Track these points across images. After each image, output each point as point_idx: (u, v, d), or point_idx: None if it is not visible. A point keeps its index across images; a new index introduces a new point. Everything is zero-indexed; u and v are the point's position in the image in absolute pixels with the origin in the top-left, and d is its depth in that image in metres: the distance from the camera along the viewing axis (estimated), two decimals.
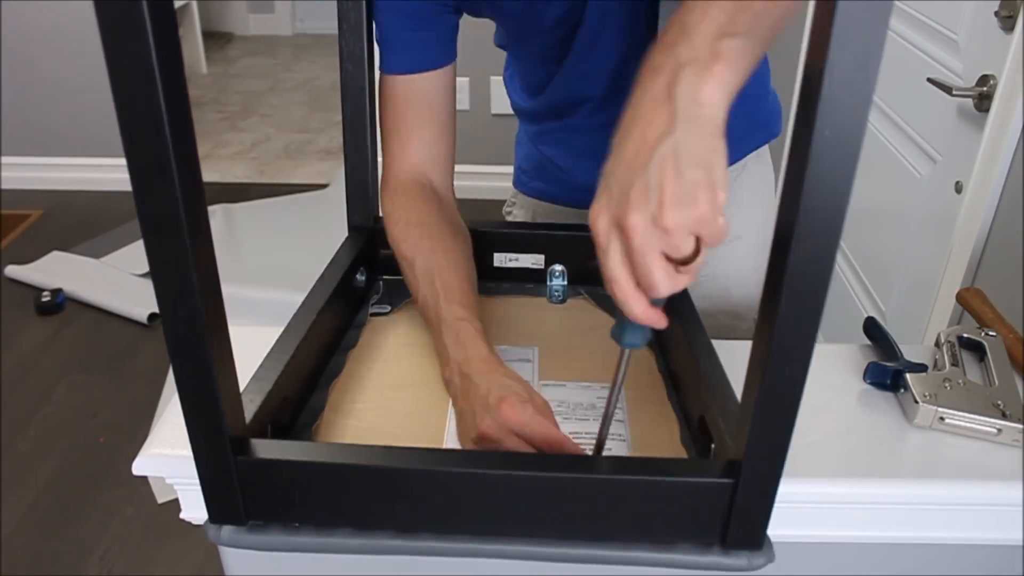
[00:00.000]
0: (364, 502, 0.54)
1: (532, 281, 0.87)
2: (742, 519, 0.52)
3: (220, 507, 0.55)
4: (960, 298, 0.86)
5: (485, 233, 0.87)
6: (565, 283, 0.86)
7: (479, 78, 2.76)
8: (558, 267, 0.86)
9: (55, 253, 2.63)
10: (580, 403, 0.70)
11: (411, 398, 0.71)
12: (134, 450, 0.63)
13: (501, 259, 0.87)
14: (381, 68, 0.80)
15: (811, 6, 0.40)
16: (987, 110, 1.30)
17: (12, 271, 2.54)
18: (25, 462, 1.87)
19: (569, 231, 0.86)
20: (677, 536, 0.54)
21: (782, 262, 0.42)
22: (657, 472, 0.53)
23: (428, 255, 0.73)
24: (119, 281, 2.49)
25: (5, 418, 1.99)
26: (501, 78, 0.97)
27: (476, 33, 1.16)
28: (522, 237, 0.86)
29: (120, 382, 2.11)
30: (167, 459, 0.63)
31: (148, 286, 2.46)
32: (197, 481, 0.65)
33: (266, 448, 0.55)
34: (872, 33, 0.36)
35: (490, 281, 0.87)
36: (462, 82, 2.77)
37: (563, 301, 0.86)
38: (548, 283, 0.87)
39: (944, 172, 1.49)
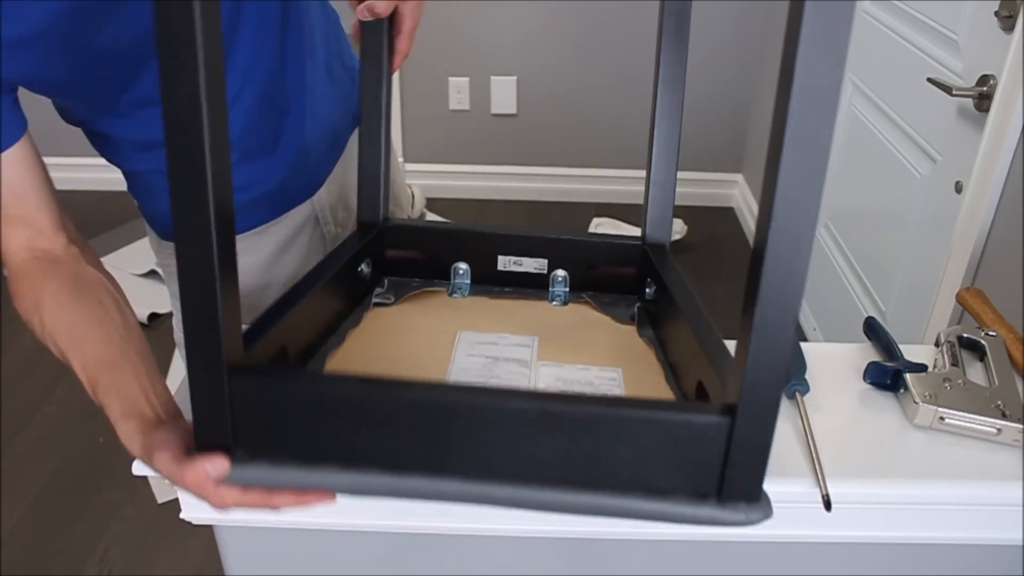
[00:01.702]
0: (353, 434, 0.54)
1: (535, 286, 0.88)
2: (738, 465, 0.51)
3: (209, 434, 0.54)
4: (960, 298, 0.86)
5: (488, 235, 0.87)
6: (567, 289, 0.87)
7: (479, 78, 2.76)
8: (561, 272, 0.87)
9: None
10: (577, 380, 0.71)
11: (409, 369, 0.71)
12: None
13: (505, 262, 0.87)
14: None
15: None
16: (987, 110, 1.30)
17: None
18: (25, 462, 1.87)
19: (574, 236, 0.87)
20: (673, 483, 0.53)
21: (772, 188, 0.43)
22: (654, 409, 0.52)
23: (61, 338, 0.74)
24: (119, 281, 2.48)
25: (5, 418, 1.99)
26: (501, 78, 0.96)
27: (475, 33, 1.16)
28: (526, 241, 0.86)
29: None
30: None
31: (149, 286, 2.45)
32: None
33: (260, 371, 0.55)
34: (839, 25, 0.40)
35: (494, 284, 0.88)
36: (462, 82, 2.77)
37: (565, 305, 0.86)
38: (550, 288, 0.87)
39: (944, 172, 1.49)
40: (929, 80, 1.45)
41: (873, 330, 0.79)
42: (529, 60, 2.73)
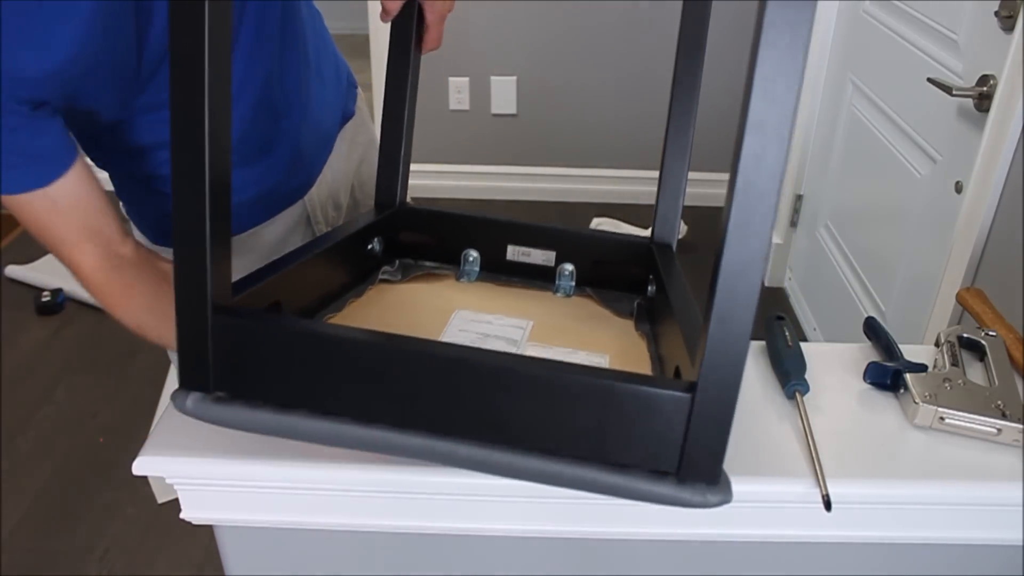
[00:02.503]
0: (325, 383, 0.55)
1: (542, 278, 0.88)
2: (698, 444, 0.51)
3: (191, 371, 0.56)
4: (960, 298, 0.86)
5: (500, 224, 0.88)
6: (573, 283, 0.88)
7: (479, 78, 2.76)
8: (568, 266, 0.87)
9: None
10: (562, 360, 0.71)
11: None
12: (134, 450, 0.63)
13: (514, 252, 0.88)
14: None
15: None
16: (987, 110, 1.30)
17: (12, 271, 2.54)
18: (25, 462, 1.87)
19: (583, 231, 0.88)
20: (632, 458, 0.53)
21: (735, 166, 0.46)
22: (616, 379, 0.52)
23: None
24: None
25: (5, 418, 1.99)
26: (501, 78, 0.97)
27: (475, 33, 1.16)
28: (536, 232, 0.88)
29: (120, 382, 2.11)
30: (167, 459, 0.63)
31: None
32: (197, 481, 0.65)
33: (241, 313, 0.56)
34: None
35: (502, 274, 0.89)
36: (462, 82, 2.77)
37: (568, 297, 0.87)
38: (557, 281, 0.88)
39: (944, 172, 1.49)
40: (929, 80, 1.46)
41: (873, 330, 0.79)
42: (529, 60, 2.73)
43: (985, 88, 1.32)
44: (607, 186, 2.94)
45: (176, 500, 0.67)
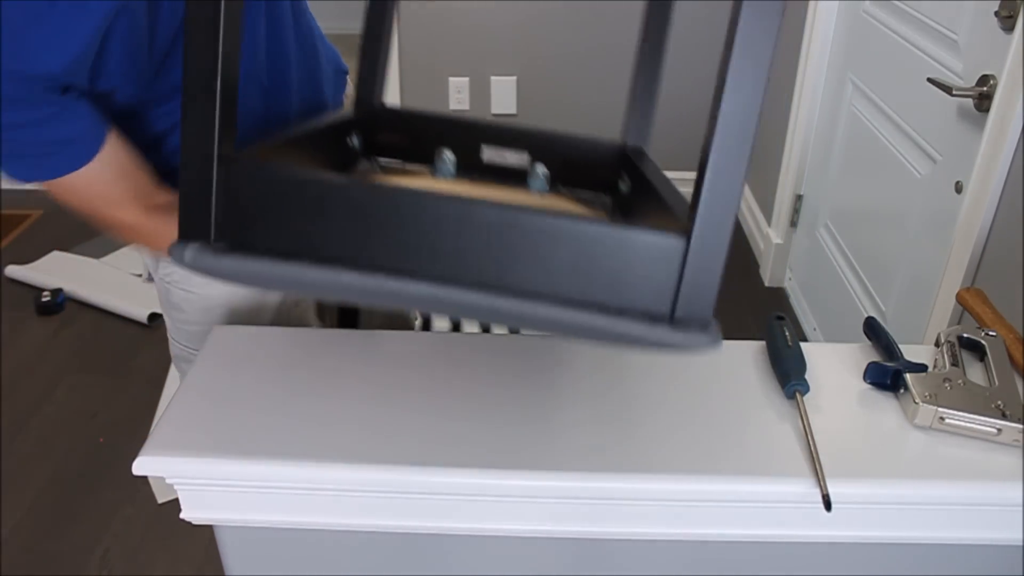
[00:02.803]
0: (327, 231, 0.54)
1: (515, 179, 0.89)
2: (690, 290, 0.53)
3: (192, 221, 0.55)
4: (960, 298, 0.86)
5: (475, 125, 0.89)
6: (547, 183, 0.88)
7: (479, 78, 2.76)
8: (541, 166, 0.88)
9: (55, 253, 2.63)
10: None
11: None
12: (134, 450, 0.63)
13: (489, 154, 0.89)
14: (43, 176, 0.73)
15: None
16: (987, 110, 1.30)
17: (12, 271, 2.54)
18: (25, 462, 1.87)
19: (556, 131, 0.89)
20: (627, 304, 0.54)
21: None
22: (614, 227, 0.53)
23: None
24: (119, 281, 2.49)
25: (5, 418, 1.99)
26: (501, 78, 0.96)
27: (475, 33, 1.16)
28: (511, 133, 0.88)
29: (120, 382, 2.11)
30: (167, 459, 0.63)
31: (148, 286, 2.45)
32: (197, 481, 0.65)
33: (249, 160, 0.56)
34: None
35: (475, 172, 0.90)
36: (462, 82, 2.77)
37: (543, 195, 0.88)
38: (529, 180, 0.88)
39: (944, 172, 1.49)
40: (929, 80, 1.46)
41: (873, 330, 0.79)
42: (529, 60, 2.73)
43: (985, 88, 1.32)
44: None
45: (176, 500, 0.67)
